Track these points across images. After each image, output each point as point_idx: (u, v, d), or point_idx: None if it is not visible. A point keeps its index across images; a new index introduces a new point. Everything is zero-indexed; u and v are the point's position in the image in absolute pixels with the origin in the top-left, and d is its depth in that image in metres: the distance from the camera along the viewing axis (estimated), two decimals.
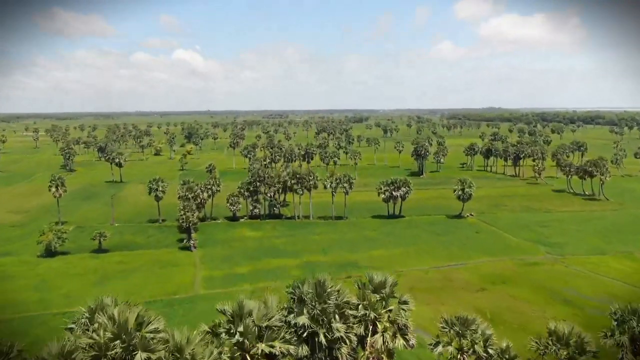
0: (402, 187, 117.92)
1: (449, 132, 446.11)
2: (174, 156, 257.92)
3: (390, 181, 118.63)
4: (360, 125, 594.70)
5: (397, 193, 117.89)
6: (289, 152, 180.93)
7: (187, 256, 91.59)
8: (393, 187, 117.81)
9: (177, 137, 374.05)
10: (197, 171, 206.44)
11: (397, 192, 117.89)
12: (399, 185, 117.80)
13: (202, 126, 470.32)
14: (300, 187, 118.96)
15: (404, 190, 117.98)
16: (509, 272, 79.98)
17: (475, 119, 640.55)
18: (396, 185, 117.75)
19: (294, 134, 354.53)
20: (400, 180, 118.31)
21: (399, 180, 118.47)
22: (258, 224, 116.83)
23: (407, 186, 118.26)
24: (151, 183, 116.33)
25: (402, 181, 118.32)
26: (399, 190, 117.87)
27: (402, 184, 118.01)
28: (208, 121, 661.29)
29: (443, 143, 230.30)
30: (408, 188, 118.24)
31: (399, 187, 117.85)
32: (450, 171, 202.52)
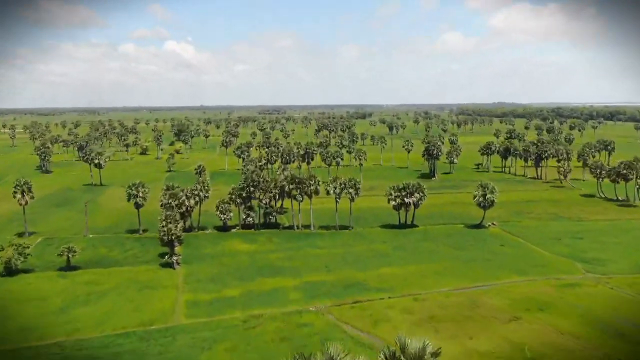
0: (415, 192, 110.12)
1: (459, 129, 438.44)
2: (161, 156, 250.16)
3: (402, 186, 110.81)
4: (363, 121, 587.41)
5: (409, 200, 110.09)
6: (287, 152, 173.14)
7: (168, 275, 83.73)
8: (405, 193, 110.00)
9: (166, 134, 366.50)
10: (185, 172, 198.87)
11: (410, 198, 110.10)
12: (411, 191, 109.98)
13: (193, 122, 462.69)
14: (300, 192, 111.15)
15: (418, 197, 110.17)
16: (546, 296, 72.11)
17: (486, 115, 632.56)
18: (408, 190, 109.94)
19: (292, 132, 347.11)
20: (413, 185, 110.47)
21: (411, 185, 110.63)
22: (252, 235, 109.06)
23: (420, 192, 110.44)
24: (130, 188, 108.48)
25: (415, 186, 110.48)
26: (411, 196, 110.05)
27: (415, 190, 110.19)
28: (200, 117, 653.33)
29: (456, 142, 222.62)
30: (422, 194, 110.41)
31: (411, 192, 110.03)
32: (464, 173, 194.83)
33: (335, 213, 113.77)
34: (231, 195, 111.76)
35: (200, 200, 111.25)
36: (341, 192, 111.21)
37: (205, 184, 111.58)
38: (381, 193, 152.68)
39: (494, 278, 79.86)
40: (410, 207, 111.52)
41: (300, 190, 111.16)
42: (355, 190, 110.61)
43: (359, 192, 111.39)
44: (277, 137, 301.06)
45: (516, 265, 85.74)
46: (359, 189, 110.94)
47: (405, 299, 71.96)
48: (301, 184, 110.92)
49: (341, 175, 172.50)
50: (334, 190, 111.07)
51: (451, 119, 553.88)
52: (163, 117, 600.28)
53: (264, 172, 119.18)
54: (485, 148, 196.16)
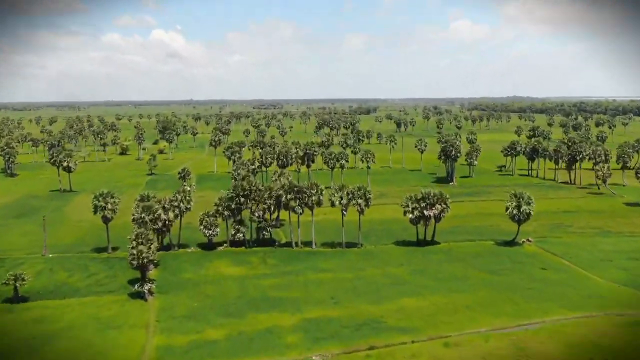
0: (436, 204, 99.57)
1: (474, 125, 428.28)
2: (142, 156, 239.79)
3: (421, 196, 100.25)
4: (367, 117, 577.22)
5: (429, 212, 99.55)
6: (284, 153, 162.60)
7: (138, 309, 73.10)
8: (424, 205, 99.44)
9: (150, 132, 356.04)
10: (168, 176, 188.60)
11: (430, 210, 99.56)
12: (432, 202, 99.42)
13: (180, 119, 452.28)
14: (300, 204, 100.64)
15: (439, 209, 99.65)
16: (610, 339, 61.51)
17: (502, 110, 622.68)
18: (428, 201, 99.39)
19: (290, 129, 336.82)
20: (434, 195, 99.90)
21: (431, 194, 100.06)
22: (242, 254, 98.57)
23: (443, 203, 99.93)
24: (97, 198, 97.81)
25: (437, 196, 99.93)
26: (432, 208, 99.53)
27: (437, 200, 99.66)
28: (189, 113, 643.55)
29: (474, 141, 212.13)
30: (445, 206, 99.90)
31: (432, 204, 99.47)
32: (485, 176, 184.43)
33: (341, 227, 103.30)
34: (217, 206, 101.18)
35: (181, 212, 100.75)
36: (348, 204, 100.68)
37: (186, 194, 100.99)
38: (393, 202, 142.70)
39: (541, 313, 69.26)
40: (431, 220, 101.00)
41: (300, 201, 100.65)
42: (365, 201, 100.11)
43: (370, 203, 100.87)
44: (272, 135, 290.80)
45: (566, 296, 75.14)
46: (369, 200, 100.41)
47: (433, 344, 61.39)
48: (301, 193, 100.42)
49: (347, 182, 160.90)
50: (339, 201, 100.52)
51: (464, 114, 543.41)
52: (148, 113, 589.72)
53: (256, 180, 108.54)
54: (509, 148, 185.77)
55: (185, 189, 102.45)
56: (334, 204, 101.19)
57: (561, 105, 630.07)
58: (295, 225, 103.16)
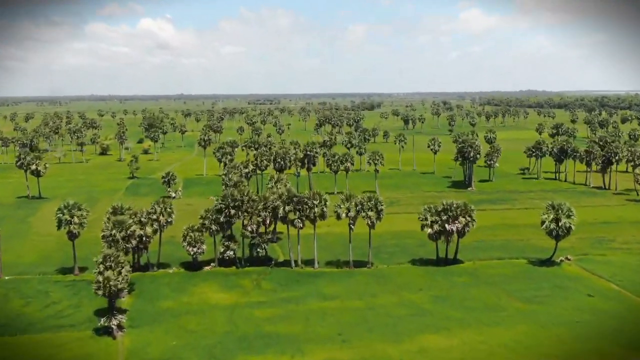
0: (459, 216, 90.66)
1: (488, 122, 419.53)
2: (124, 157, 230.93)
3: (442, 207, 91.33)
4: (372, 113, 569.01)
5: (451, 227, 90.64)
6: (282, 155, 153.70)
7: (103, 350, 64.16)
8: (446, 217, 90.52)
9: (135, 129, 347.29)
10: (152, 180, 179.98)
11: (453, 224, 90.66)
12: (454, 214, 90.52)
13: (168, 115, 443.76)
14: (300, 216, 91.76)
15: (463, 222, 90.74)
16: None
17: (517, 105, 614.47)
18: (451, 213, 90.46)
19: (288, 127, 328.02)
20: (457, 207, 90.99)
21: (454, 205, 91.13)
22: (232, 276, 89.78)
23: (467, 215, 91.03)
24: (61, 211, 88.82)
25: (460, 208, 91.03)
26: (455, 221, 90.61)
27: (460, 212, 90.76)
28: (179, 108, 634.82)
29: (493, 140, 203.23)
30: (470, 219, 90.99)
31: (454, 216, 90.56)
32: (507, 180, 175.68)
33: (347, 243, 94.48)
34: (204, 220, 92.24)
35: (160, 227, 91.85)
36: (357, 216, 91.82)
37: (167, 205, 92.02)
38: (405, 210, 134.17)
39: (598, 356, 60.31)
40: (453, 236, 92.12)
41: (301, 214, 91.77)
42: (376, 214, 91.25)
43: (382, 215, 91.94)
44: (269, 133, 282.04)
45: (623, 332, 66.14)
46: (381, 212, 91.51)
47: None
48: (301, 204, 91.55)
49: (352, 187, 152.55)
50: (346, 213, 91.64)
51: (476, 110, 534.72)
52: (134, 109, 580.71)
53: (249, 188, 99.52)
54: (534, 148, 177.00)
55: (166, 199, 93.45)
56: (340, 217, 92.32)
57: (581, 100, 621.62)
58: (295, 240, 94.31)
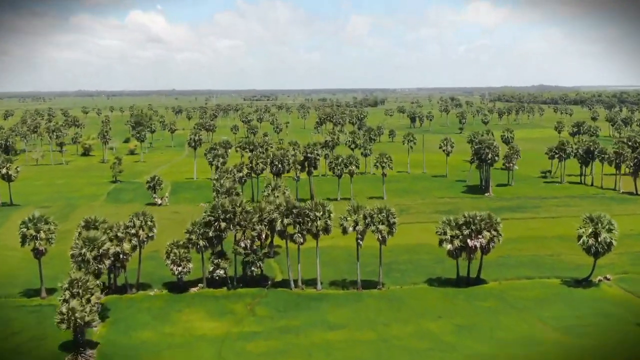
0: (483, 230, 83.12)
1: (501, 120, 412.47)
2: (107, 158, 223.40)
3: (463, 220, 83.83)
4: (375, 110, 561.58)
5: (474, 242, 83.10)
6: (280, 157, 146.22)
7: None
8: (468, 232, 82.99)
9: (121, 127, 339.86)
10: (137, 184, 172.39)
11: (476, 240, 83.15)
12: (478, 228, 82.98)
13: (157, 112, 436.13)
14: (301, 230, 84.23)
15: (488, 237, 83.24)
16: None
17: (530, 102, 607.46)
18: (474, 227, 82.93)
19: (286, 125, 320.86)
20: (481, 220, 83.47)
21: (477, 218, 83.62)
22: (223, 299, 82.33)
23: (493, 229, 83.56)
24: (25, 225, 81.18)
25: (484, 221, 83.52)
26: (478, 236, 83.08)
27: (485, 226, 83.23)
28: (171, 104, 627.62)
29: (510, 139, 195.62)
30: (495, 233, 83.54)
31: (478, 230, 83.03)
32: (527, 185, 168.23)
33: (353, 258, 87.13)
34: (190, 234, 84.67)
35: (140, 243, 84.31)
36: (366, 230, 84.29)
37: (147, 218, 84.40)
38: (416, 220, 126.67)
39: None
40: (476, 252, 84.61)
41: (301, 227, 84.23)
42: (388, 227, 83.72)
43: (394, 229, 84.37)
44: (265, 132, 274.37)
45: None
46: (394, 226, 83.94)
47: None
48: (302, 217, 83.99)
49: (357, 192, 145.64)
50: (354, 226, 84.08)
51: (486, 106, 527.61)
52: (122, 105, 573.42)
53: (242, 198, 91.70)
54: (557, 149, 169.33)
55: (146, 213, 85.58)
56: (347, 231, 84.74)
57: (599, 96, 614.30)
58: (295, 256, 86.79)
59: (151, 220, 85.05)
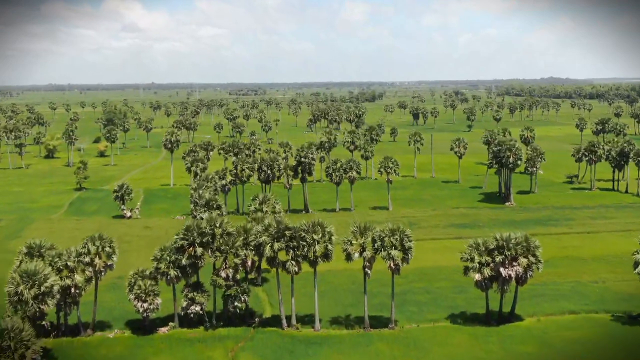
0: (519, 256, 72.89)
1: (512, 116, 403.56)
2: (73, 161, 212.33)
3: (495, 244, 73.57)
4: (373, 105, 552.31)
5: (509, 271, 72.87)
6: (269, 162, 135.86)
7: None
8: (501, 258, 72.72)
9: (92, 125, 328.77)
10: (105, 192, 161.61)
11: (510, 268, 72.91)
12: (513, 254, 72.71)
13: (132, 108, 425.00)
14: (295, 257, 73.83)
15: (525, 264, 73.03)
16: None
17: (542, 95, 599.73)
18: (508, 252, 72.68)
19: (276, 123, 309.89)
20: (516, 243, 73.23)
21: (512, 240, 73.33)
22: (198, 343, 72.02)
23: (531, 254, 73.39)
24: None
25: (520, 244, 73.30)
26: (513, 264, 72.86)
27: (521, 251, 73.02)
28: (150, 99, 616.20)
29: (531, 139, 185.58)
30: (534, 259, 73.33)
31: (513, 256, 72.77)
32: (553, 192, 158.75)
33: (360, 291, 76.97)
34: (159, 262, 73.99)
35: (97, 274, 73.62)
36: (375, 256, 73.97)
37: (105, 243, 73.67)
38: (429, 235, 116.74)
39: None
40: (510, 283, 74.39)
41: (296, 253, 73.79)
42: (402, 253, 73.35)
43: (410, 254, 73.98)
44: (253, 130, 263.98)
45: None
46: (409, 251, 73.53)
47: None
48: (296, 240, 73.59)
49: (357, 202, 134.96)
50: (360, 252, 73.71)
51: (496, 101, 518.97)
52: (94, 101, 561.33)
53: (223, 218, 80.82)
54: (587, 151, 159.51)
55: (103, 235, 74.80)
56: (351, 257, 74.28)
57: (616, 89, 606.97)
58: (287, 286, 76.41)
59: (110, 245, 74.34)
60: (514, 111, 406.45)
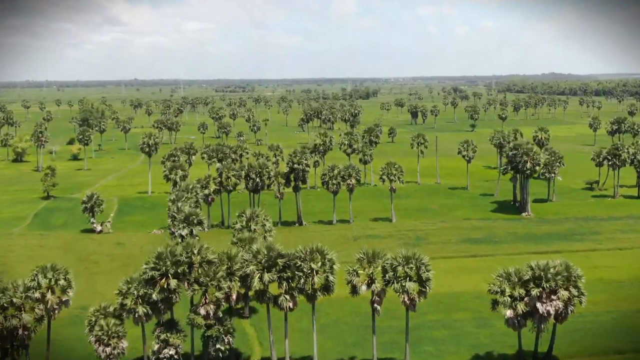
0: (560, 289, 63.07)
1: (517, 114, 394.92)
2: (43, 165, 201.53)
3: (529, 275, 63.71)
4: (368, 103, 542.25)
5: (547, 307, 63.01)
6: (257, 169, 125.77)
7: None
8: (538, 292, 62.83)
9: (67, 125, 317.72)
10: (74, 201, 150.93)
11: (548, 303, 63.10)
12: (552, 286, 62.84)
13: (111, 106, 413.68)
14: (289, 289, 63.83)
15: (565, 298, 63.22)
16: None
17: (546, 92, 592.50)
18: (547, 284, 62.80)
19: (265, 123, 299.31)
20: (556, 273, 63.34)
21: (550, 270, 63.45)
22: None
23: (572, 285, 63.63)
24: None
25: (561, 275, 63.37)
26: (552, 297, 63.03)
27: (562, 281, 63.19)
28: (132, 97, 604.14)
29: (545, 141, 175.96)
30: (576, 292, 63.62)
31: (552, 289, 62.93)
32: (572, 200, 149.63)
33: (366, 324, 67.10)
34: (124, 297, 63.66)
35: (49, 312, 63.37)
36: (386, 289, 64.01)
37: (59, 275, 63.41)
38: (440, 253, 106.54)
39: None
40: (548, 320, 64.51)
41: (290, 285, 63.70)
42: (419, 285, 63.46)
43: (429, 287, 64.04)
44: (240, 130, 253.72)
45: None
46: (428, 283, 63.60)
47: None
48: (291, 270, 63.46)
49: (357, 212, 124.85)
50: (368, 284, 63.72)
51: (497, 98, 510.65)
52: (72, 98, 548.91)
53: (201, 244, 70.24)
54: (610, 155, 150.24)
55: (57, 265, 64.48)
56: (357, 291, 64.24)
57: (623, 85, 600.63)
58: (280, 320, 66.44)
59: (65, 277, 64.07)
60: (519, 109, 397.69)
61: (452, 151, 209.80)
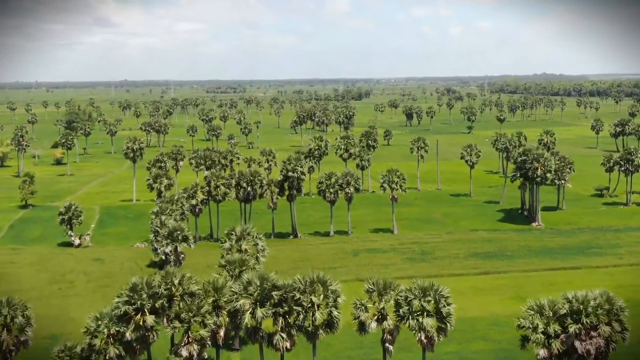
0: (600, 324, 54.08)
1: (513, 115, 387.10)
2: (23, 171, 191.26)
3: (566, 309, 54.66)
4: (361, 104, 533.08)
5: (587, 345, 54.05)
6: (249, 177, 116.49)
7: None
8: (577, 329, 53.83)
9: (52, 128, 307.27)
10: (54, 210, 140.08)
11: (587, 341, 54.14)
12: (593, 321, 53.85)
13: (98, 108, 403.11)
14: (286, 326, 54.63)
15: (607, 333, 54.24)
16: None
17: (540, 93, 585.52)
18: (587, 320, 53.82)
19: (257, 125, 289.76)
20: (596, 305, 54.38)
21: (590, 303, 54.48)
22: None
23: (614, 319, 54.65)
24: None
25: (602, 307, 54.37)
26: (592, 333, 54.07)
27: (603, 315, 54.16)
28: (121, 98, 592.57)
29: (551, 145, 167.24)
30: (620, 327, 54.62)
31: (594, 325, 53.93)
32: (583, 209, 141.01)
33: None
34: (92, 337, 54.26)
35: (5, 354, 53.86)
36: (399, 326, 54.89)
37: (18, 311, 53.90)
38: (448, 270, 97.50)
39: None
40: None
41: (287, 322, 54.48)
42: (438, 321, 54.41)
43: (450, 324, 54.98)
44: (231, 133, 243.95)
45: None
46: (448, 319, 54.57)
47: None
48: (287, 304, 54.21)
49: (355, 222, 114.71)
50: (379, 319, 54.54)
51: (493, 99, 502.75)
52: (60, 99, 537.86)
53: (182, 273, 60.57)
54: (623, 160, 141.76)
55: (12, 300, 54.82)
56: (365, 328, 55.02)
57: (618, 86, 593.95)
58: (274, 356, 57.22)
59: (23, 313, 54.42)
60: (515, 110, 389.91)
61: (451, 154, 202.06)
